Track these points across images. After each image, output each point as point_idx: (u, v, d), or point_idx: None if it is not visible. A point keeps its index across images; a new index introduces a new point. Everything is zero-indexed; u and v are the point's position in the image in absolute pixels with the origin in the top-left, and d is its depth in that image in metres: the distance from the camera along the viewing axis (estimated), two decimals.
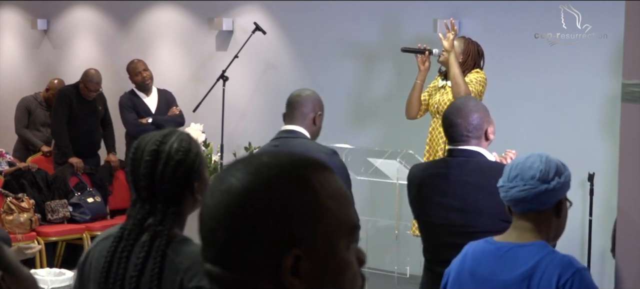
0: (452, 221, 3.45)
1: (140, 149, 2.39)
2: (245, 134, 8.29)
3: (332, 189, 1.33)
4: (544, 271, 2.54)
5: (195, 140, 2.44)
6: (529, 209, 2.63)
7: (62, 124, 7.79)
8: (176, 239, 2.34)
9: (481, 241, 2.73)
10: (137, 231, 2.35)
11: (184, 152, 2.37)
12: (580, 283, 2.52)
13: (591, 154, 6.67)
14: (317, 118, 4.12)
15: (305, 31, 8.18)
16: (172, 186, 2.35)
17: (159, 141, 2.38)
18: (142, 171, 2.36)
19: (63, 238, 7.52)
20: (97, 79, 7.85)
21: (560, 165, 2.68)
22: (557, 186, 2.63)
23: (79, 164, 7.80)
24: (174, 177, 2.35)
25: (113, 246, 2.36)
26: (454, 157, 3.53)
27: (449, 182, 3.49)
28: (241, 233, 1.29)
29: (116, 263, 2.34)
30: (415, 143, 6.55)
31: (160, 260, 2.29)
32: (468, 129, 3.51)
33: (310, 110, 4.10)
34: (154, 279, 2.28)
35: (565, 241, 3.00)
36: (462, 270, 2.72)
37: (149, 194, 2.36)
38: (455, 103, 3.68)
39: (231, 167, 1.34)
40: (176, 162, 2.35)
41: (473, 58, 5.93)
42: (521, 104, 7.03)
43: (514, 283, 2.58)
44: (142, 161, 2.36)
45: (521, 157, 2.70)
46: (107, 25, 9.57)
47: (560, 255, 2.60)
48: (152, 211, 2.35)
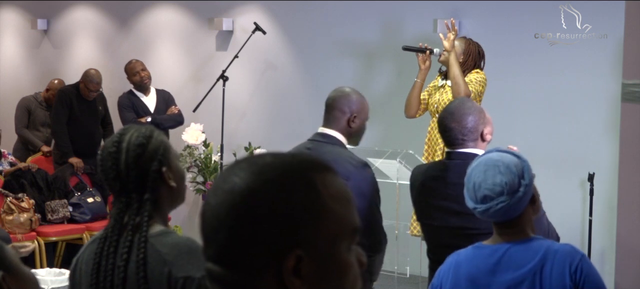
0: (450, 223, 3.47)
1: (104, 148, 2.45)
2: (245, 134, 8.29)
3: (335, 190, 1.33)
4: (552, 262, 2.58)
5: (158, 132, 2.48)
6: (510, 218, 2.65)
7: (62, 124, 7.79)
8: (157, 231, 2.37)
9: (469, 248, 2.74)
10: (119, 228, 2.38)
11: (144, 137, 2.41)
12: (588, 267, 2.62)
13: (591, 154, 6.67)
14: (353, 120, 3.83)
15: (305, 31, 8.18)
16: (138, 171, 2.38)
17: (119, 134, 2.45)
18: (108, 164, 2.40)
19: (63, 238, 7.51)
20: (97, 79, 7.85)
21: (517, 164, 2.65)
22: (527, 188, 2.63)
23: (79, 164, 7.80)
24: (138, 163, 2.38)
25: (99, 247, 2.39)
26: (452, 160, 3.54)
27: (447, 185, 3.50)
28: (244, 232, 1.29)
29: (104, 261, 2.37)
30: (415, 143, 6.55)
31: (143, 250, 2.32)
32: (463, 133, 3.51)
33: (344, 112, 3.82)
34: (140, 270, 2.30)
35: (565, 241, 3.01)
36: (458, 279, 2.71)
37: (121, 186, 2.39)
38: (449, 107, 3.65)
39: (234, 166, 1.35)
40: (136, 146, 2.39)
41: (473, 58, 5.93)
42: (521, 104, 7.03)
43: (522, 280, 2.59)
44: (106, 155, 2.41)
45: (478, 172, 2.66)
46: (107, 25, 9.57)
47: (562, 245, 2.65)
48: (129, 202, 2.39)
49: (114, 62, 9.28)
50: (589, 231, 6.41)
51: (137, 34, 9.31)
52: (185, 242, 2.36)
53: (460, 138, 3.51)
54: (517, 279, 2.60)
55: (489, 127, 3.58)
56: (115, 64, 9.24)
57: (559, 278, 2.57)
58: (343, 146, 3.83)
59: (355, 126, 3.85)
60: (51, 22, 10.02)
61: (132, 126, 2.48)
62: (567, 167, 6.78)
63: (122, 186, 2.39)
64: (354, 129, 3.85)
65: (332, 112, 3.83)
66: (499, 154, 2.68)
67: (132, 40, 9.31)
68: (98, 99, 7.99)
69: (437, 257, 3.55)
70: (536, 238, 2.66)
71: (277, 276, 1.29)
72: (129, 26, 9.38)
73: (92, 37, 9.69)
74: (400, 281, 6.87)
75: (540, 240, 2.65)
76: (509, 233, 2.66)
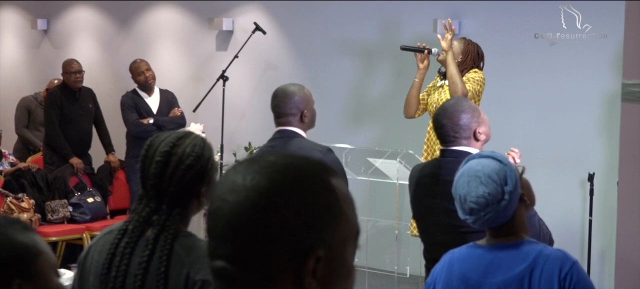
0: (442, 221, 3.48)
1: (152, 147, 2.39)
2: (245, 134, 8.29)
3: (345, 193, 1.35)
4: (543, 266, 2.57)
5: (209, 145, 2.44)
6: (500, 223, 2.64)
7: (55, 127, 7.78)
8: (182, 234, 2.36)
9: (463, 247, 2.74)
10: (142, 227, 2.36)
11: (195, 157, 2.37)
12: (578, 274, 2.56)
13: (591, 154, 6.67)
14: (304, 116, 4.12)
15: (305, 31, 8.18)
16: (180, 189, 2.35)
17: (173, 143, 2.38)
18: (152, 170, 2.36)
19: (63, 238, 7.51)
20: (74, 64, 7.89)
21: (499, 171, 2.61)
22: (512, 193, 2.61)
23: (79, 164, 7.80)
24: (182, 180, 2.35)
25: (116, 239, 2.37)
26: (445, 158, 3.56)
27: (439, 183, 3.52)
28: (268, 230, 1.27)
29: (119, 256, 2.34)
30: (415, 143, 6.55)
31: (167, 254, 2.30)
32: (454, 130, 3.53)
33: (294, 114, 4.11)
34: (161, 274, 2.28)
35: (565, 241, 3.01)
36: (450, 277, 2.71)
37: (155, 194, 2.36)
38: (444, 104, 3.69)
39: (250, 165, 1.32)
40: (186, 166, 2.35)
41: (472, 58, 5.94)
42: (521, 104, 7.03)
43: (513, 282, 2.59)
44: (153, 161, 2.36)
45: (463, 183, 2.65)
46: (107, 25, 9.57)
47: (554, 250, 2.62)
48: (157, 209, 2.36)
49: (114, 62, 9.28)
50: (588, 231, 6.41)
51: (137, 34, 9.30)
52: (205, 245, 2.34)
53: (452, 135, 3.53)
54: (507, 282, 2.60)
55: (483, 127, 3.58)
56: (115, 64, 9.24)
57: (547, 284, 2.55)
58: (303, 138, 4.13)
59: (307, 119, 4.15)
60: (51, 22, 10.01)
61: (187, 136, 2.42)
62: (567, 167, 6.78)
63: (158, 193, 2.36)
64: (306, 122, 4.15)
65: (282, 118, 4.12)
66: (480, 162, 2.64)
67: (133, 40, 9.31)
68: (88, 96, 7.99)
69: (431, 255, 3.56)
70: (529, 241, 2.65)
71: (294, 277, 1.28)
72: (129, 26, 9.38)
73: (92, 37, 9.68)
74: (400, 281, 6.87)
75: (532, 244, 2.64)
76: (501, 235, 2.66)
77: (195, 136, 2.44)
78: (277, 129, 4.17)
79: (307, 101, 4.14)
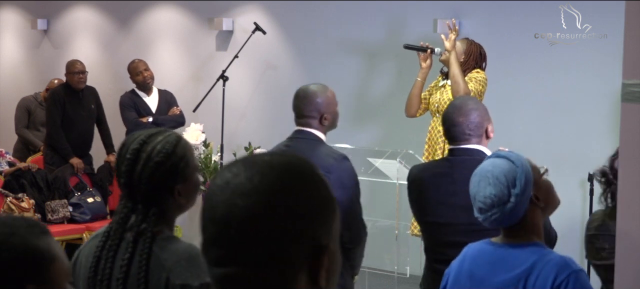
0: (458, 220, 3.44)
1: (125, 146, 2.36)
2: (245, 134, 8.28)
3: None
4: (539, 271, 2.54)
5: (184, 143, 2.37)
6: (511, 224, 2.61)
7: (57, 127, 7.78)
8: (161, 237, 2.32)
9: (480, 242, 2.73)
10: (121, 230, 2.34)
11: (165, 154, 2.31)
12: (575, 284, 2.50)
13: (591, 154, 6.66)
14: (325, 118, 3.99)
15: (305, 31, 8.17)
16: (150, 187, 2.31)
17: (143, 141, 2.34)
18: (123, 168, 2.33)
19: (63, 238, 7.51)
20: (77, 64, 7.87)
21: (508, 172, 2.58)
22: (519, 196, 2.56)
23: (79, 164, 7.80)
24: (151, 179, 2.31)
25: (101, 243, 2.36)
26: (457, 156, 3.54)
27: (455, 181, 3.49)
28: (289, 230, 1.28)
29: (103, 260, 2.34)
30: (416, 143, 6.55)
31: (145, 259, 2.27)
32: (470, 128, 3.52)
33: (314, 116, 4.00)
34: (141, 279, 2.26)
35: (565, 241, 3.01)
36: (460, 271, 2.72)
37: (128, 192, 2.33)
38: (454, 102, 3.68)
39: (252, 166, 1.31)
40: (155, 163, 2.30)
41: (474, 58, 5.94)
42: (521, 104, 7.03)
43: (510, 283, 2.57)
44: (124, 159, 2.33)
45: (475, 182, 2.63)
46: (107, 25, 9.57)
47: (558, 256, 2.58)
48: (134, 209, 2.33)
49: (114, 62, 9.28)
50: None
51: (137, 34, 9.30)
52: (186, 249, 2.30)
53: (467, 133, 3.52)
54: (506, 282, 2.58)
55: (491, 125, 3.60)
56: (115, 64, 9.24)
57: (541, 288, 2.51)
58: (321, 141, 3.99)
59: (328, 122, 4.02)
60: (51, 22, 10.01)
61: (160, 133, 2.37)
62: (567, 167, 6.77)
63: (131, 193, 2.33)
64: (327, 125, 4.03)
65: (302, 119, 4.01)
66: (493, 162, 2.62)
67: (132, 40, 9.30)
68: (90, 96, 7.99)
69: (438, 256, 3.54)
70: (536, 243, 2.61)
71: (308, 273, 1.30)
72: (129, 26, 9.38)
73: (92, 37, 9.68)
74: (400, 281, 6.86)
75: (538, 247, 2.60)
76: (511, 235, 2.64)
77: (170, 133, 2.38)
78: (296, 129, 4.07)
79: (328, 104, 4.01)
